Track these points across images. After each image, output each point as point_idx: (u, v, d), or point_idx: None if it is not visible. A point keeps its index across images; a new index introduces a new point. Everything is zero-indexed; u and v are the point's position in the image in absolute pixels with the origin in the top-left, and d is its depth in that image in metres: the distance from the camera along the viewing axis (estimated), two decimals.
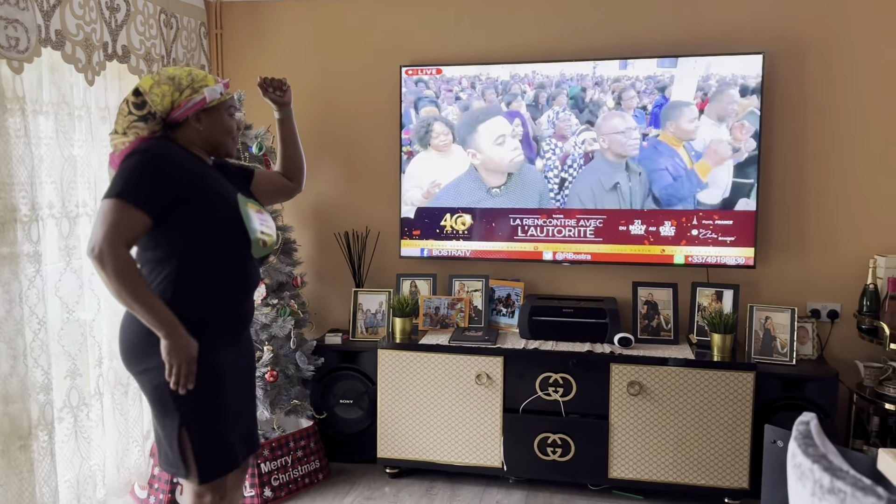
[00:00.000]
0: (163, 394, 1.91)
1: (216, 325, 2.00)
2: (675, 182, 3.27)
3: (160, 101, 1.97)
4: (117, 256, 1.80)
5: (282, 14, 3.72)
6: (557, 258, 3.44)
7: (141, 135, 1.97)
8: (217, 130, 2.06)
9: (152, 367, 1.89)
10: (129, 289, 1.81)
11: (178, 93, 1.98)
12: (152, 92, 1.97)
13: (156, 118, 1.98)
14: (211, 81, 2.04)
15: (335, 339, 3.53)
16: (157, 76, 2.00)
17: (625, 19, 3.40)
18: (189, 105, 1.99)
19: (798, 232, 3.35)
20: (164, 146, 1.97)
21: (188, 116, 2.01)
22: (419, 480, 3.35)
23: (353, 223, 3.72)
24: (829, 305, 3.34)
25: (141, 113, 1.96)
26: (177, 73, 2.01)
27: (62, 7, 2.56)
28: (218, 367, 1.97)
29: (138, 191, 1.86)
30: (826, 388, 3.02)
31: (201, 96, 2.00)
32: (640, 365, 3.08)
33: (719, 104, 3.20)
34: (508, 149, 3.41)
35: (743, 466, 3.01)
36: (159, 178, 1.89)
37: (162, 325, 1.83)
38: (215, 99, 2.03)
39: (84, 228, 2.81)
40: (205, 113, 2.03)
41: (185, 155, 2.01)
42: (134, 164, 1.89)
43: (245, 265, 2.05)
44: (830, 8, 3.23)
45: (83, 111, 2.80)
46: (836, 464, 1.10)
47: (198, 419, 1.94)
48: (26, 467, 2.46)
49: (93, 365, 2.88)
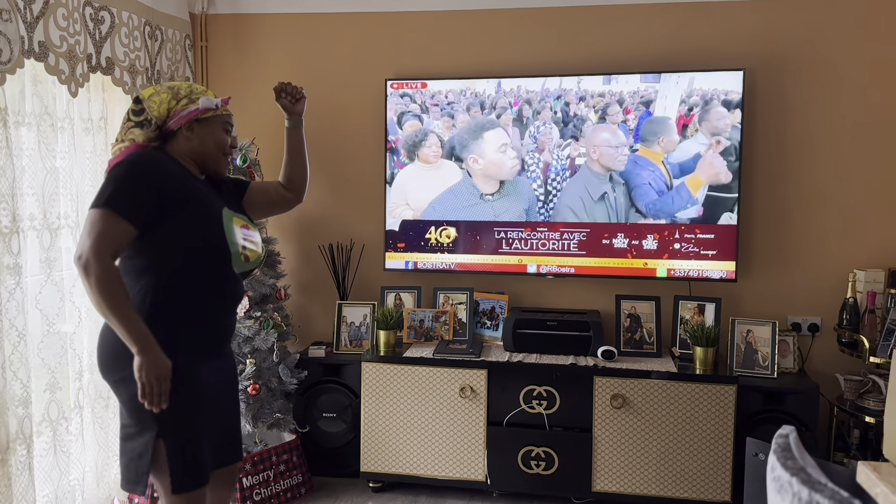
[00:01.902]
0: (136, 405, 1.89)
1: (195, 338, 1.99)
2: (660, 197, 3.30)
3: (157, 108, 2.00)
4: (102, 267, 1.79)
5: (267, 27, 3.73)
6: (542, 271, 3.45)
7: (137, 141, 1.99)
8: (208, 142, 2.06)
9: (129, 376, 1.87)
10: (109, 301, 1.79)
11: (174, 101, 2.02)
12: (151, 99, 2.01)
13: (152, 125, 2.01)
14: (210, 95, 2.07)
15: (319, 352, 3.51)
16: (160, 87, 2.04)
17: (609, 36, 3.44)
18: (183, 113, 2.02)
19: (779, 246, 3.39)
20: (153, 156, 1.98)
21: (181, 126, 2.02)
22: (403, 494, 3.33)
23: (337, 235, 3.71)
24: (809, 319, 3.37)
25: (138, 119, 2.00)
26: (178, 84, 2.07)
27: (46, 18, 2.55)
28: (195, 380, 1.96)
29: (124, 201, 1.86)
30: (807, 401, 3.05)
31: (196, 106, 2.02)
32: (623, 378, 3.09)
33: (702, 119, 3.24)
34: (509, 157, 3.42)
35: (725, 479, 3.02)
36: (145, 189, 1.89)
37: (136, 341, 1.82)
38: (210, 110, 2.04)
39: (66, 240, 2.78)
40: (198, 123, 2.04)
41: (175, 167, 2.00)
42: (122, 173, 1.90)
43: (226, 280, 2.03)
44: (809, 25, 3.28)
45: (66, 123, 2.79)
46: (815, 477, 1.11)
47: (175, 430, 1.92)
48: (4, 482, 2.43)
49: (73, 378, 2.85)
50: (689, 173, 3.27)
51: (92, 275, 1.79)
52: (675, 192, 3.29)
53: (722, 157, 3.23)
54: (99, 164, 2.93)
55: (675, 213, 3.30)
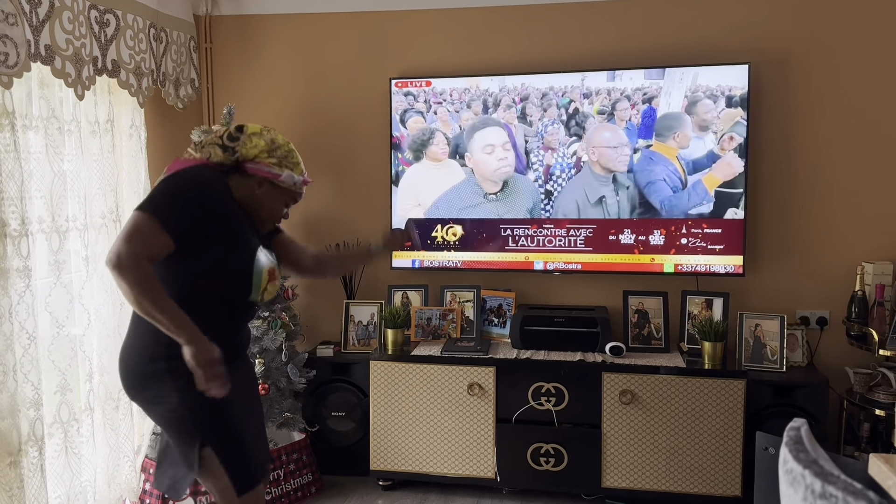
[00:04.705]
0: (174, 419, 1.90)
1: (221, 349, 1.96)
2: (675, 194, 3.29)
3: (248, 148, 2.04)
4: (139, 266, 1.78)
5: (271, 28, 3.73)
6: (549, 268, 3.45)
7: (212, 158, 2.02)
8: (267, 206, 2.10)
9: (155, 395, 1.88)
10: (151, 298, 1.78)
11: (266, 154, 2.05)
12: (250, 138, 2.04)
13: (233, 156, 2.04)
14: (298, 171, 2.11)
15: (327, 352, 3.52)
16: (267, 132, 2.08)
17: (612, 31, 3.43)
18: (265, 169, 2.05)
19: (786, 240, 3.38)
20: (216, 179, 2.00)
21: (256, 175, 2.05)
22: (412, 492, 3.34)
23: (344, 235, 3.71)
24: (818, 312, 3.36)
25: (228, 144, 2.03)
26: (282, 143, 2.10)
27: (52, 22, 2.56)
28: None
29: (172, 214, 1.86)
30: (816, 394, 3.04)
31: (280, 172, 2.06)
32: (631, 374, 3.09)
33: (707, 114, 3.23)
34: (496, 158, 3.42)
35: (735, 474, 3.02)
36: (196, 209, 1.90)
37: (182, 332, 1.81)
38: (286, 184, 2.08)
39: (74, 243, 2.79)
40: (270, 184, 2.07)
41: (227, 192, 2.02)
42: (179, 185, 1.92)
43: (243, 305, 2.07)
44: (815, 18, 3.27)
45: (73, 126, 2.80)
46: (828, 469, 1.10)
47: (219, 435, 1.94)
48: (16, 484, 2.44)
49: (83, 380, 2.86)
50: (702, 170, 3.26)
51: (130, 275, 1.77)
52: (692, 188, 3.28)
53: (732, 152, 3.22)
54: (106, 167, 2.94)
55: (690, 210, 3.28)
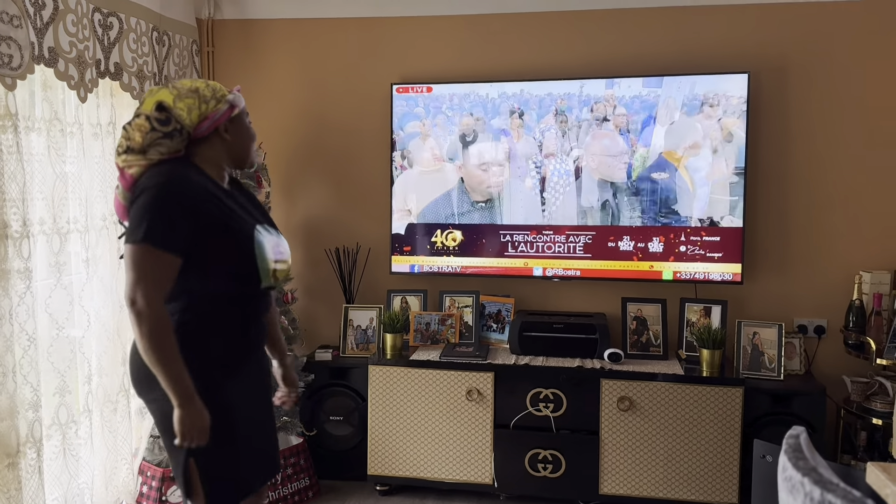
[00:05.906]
0: (169, 424, 1.85)
1: (224, 352, 1.93)
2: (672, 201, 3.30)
3: (187, 115, 1.86)
4: (155, 317, 1.73)
5: (273, 32, 3.74)
6: (548, 274, 3.46)
7: (163, 154, 1.85)
8: (245, 137, 1.99)
9: (159, 396, 1.83)
10: (159, 353, 1.74)
11: (204, 104, 1.88)
12: (177, 106, 1.85)
13: (182, 134, 1.86)
14: (226, 90, 1.96)
15: (325, 356, 3.52)
16: (175, 90, 1.88)
17: (611, 40, 3.45)
18: (217, 116, 1.90)
19: (784, 248, 3.40)
20: (180, 176, 1.84)
21: (217, 128, 1.92)
22: (410, 497, 3.34)
23: (343, 239, 3.72)
24: (815, 321, 3.37)
25: (167, 129, 1.84)
26: (196, 84, 1.91)
27: (55, 24, 2.57)
28: (229, 400, 1.91)
29: (164, 232, 1.76)
30: (814, 403, 3.05)
31: (227, 105, 1.92)
32: (629, 380, 3.09)
33: (705, 123, 3.25)
34: (495, 165, 3.44)
35: (733, 481, 3.02)
36: (180, 216, 1.78)
37: (178, 395, 1.76)
38: (239, 106, 1.95)
39: (75, 245, 2.80)
40: (231, 122, 1.95)
41: (201, 179, 1.89)
42: (153, 202, 1.77)
43: (254, 296, 1.97)
44: (813, 27, 3.29)
45: (75, 128, 2.80)
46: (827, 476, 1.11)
47: (206, 451, 1.86)
48: (14, 485, 2.44)
49: (82, 382, 2.86)
50: (700, 177, 3.27)
51: (145, 324, 1.72)
52: (690, 195, 3.29)
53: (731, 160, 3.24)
54: (108, 169, 2.95)
55: (688, 217, 3.30)
